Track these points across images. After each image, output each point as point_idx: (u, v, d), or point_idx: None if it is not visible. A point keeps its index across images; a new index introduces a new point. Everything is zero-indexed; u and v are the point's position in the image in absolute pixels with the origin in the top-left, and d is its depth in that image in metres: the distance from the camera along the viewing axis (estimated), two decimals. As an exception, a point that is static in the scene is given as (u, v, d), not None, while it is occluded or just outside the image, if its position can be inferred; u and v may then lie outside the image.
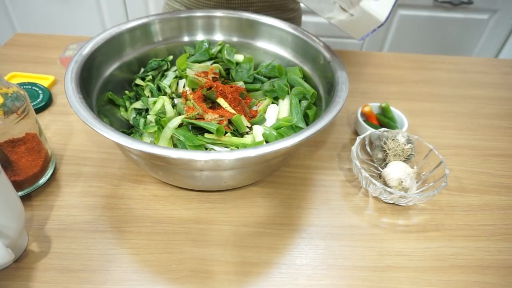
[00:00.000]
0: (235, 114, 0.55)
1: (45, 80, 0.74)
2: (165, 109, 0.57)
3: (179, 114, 0.56)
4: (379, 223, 0.53)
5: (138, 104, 0.61)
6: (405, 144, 0.57)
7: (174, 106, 0.58)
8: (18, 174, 0.50)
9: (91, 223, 0.50)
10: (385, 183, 0.55)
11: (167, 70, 0.67)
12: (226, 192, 0.56)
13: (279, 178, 0.58)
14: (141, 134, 0.56)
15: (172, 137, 0.52)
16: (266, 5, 0.82)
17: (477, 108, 0.78)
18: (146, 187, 0.55)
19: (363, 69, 0.87)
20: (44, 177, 0.54)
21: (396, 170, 0.54)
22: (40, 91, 0.69)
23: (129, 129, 0.59)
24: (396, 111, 0.68)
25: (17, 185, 0.50)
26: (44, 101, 0.68)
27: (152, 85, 0.62)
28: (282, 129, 0.54)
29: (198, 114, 0.55)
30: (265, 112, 0.60)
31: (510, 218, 0.55)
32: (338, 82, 0.54)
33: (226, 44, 0.68)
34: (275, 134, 0.53)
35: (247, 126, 0.55)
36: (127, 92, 0.62)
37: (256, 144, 0.52)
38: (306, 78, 0.63)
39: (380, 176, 0.58)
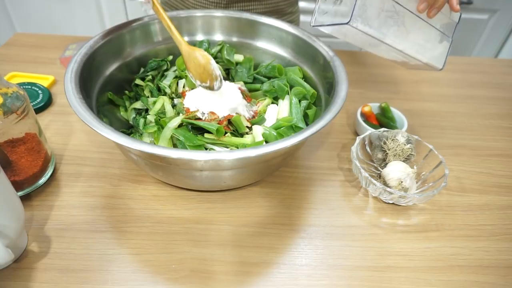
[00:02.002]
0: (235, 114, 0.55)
1: (45, 80, 0.74)
2: (165, 109, 0.57)
3: (179, 114, 0.56)
4: (379, 223, 0.53)
5: (138, 104, 0.61)
6: (405, 144, 0.57)
7: (174, 106, 0.58)
8: (18, 174, 0.50)
9: (91, 223, 0.50)
10: (385, 183, 0.55)
11: (167, 70, 0.67)
12: (226, 192, 0.56)
13: (279, 178, 0.58)
14: (141, 134, 0.56)
15: (172, 137, 0.52)
16: (264, 11, 0.83)
17: (477, 108, 0.78)
18: (146, 187, 0.55)
19: (363, 69, 0.87)
20: (44, 177, 0.54)
21: (396, 170, 0.54)
22: (40, 91, 0.69)
23: (129, 129, 0.59)
24: (396, 111, 0.68)
25: (17, 185, 0.50)
26: (44, 101, 0.68)
27: (152, 85, 0.62)
28: (282, 129, 0.54)
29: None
30: (265, 112, 0.60)
31: (510, 218, 0.55)
32: (338, 82, 0.54)
33: (226, 44, 0.68)
34: (275, 134, 0.53)
35: (247, 126, 0.55)
36: (127, 92, 0.62)
37: (256, 144, 0.52)
38: (306, 78, 0.63)
39: (380, 176, 0.58)
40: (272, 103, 0.62)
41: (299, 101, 0.60)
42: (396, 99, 0.78)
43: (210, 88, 0.55)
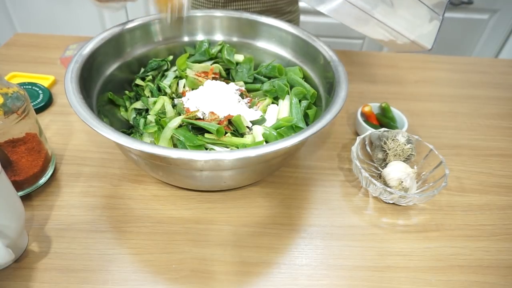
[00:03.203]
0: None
1: (45, 80, 0.74)
2: (165, 109, 0.57)
3: (179, 114, 0.56)
4: (379, 223, 0.53)
5: (138, 104, 0.61)
6: (405, 144, 0.57)
7: (174, 106, 0.58)
8: (18, 174, 0.50)
9: (91, 223, 0.50)
10: (385, 183, 0.55)
11: (167, 70, 0.67)
12: (226, 192, 0.56)
13: (279, 178, 0.58)
14: (141, 134, 0.56)
15: (172, 137, 0.52)
16: (263, 10, 0.83)
17: (477, 108, 0.78)
18: (146, 187, 0.55)
19: (363, 69, 0.87)
20: (44, 177, 0.54)
21: (396, 170, 0.54)
22: (40, 91, 0.69)
23: (129, 129, 0.59)
24: (396, 111, 0.68)
25: (17, 185, 0.50)
26: (44, 101, 0.68)
27: (152, 85, 0.62)
28: (282, 129, 0.54)
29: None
30: (265, 112, 0.60)
31: (510, 218, 0.55)
32: (338, 82, 0.54)
33: (226, 44, 0.68)
34: (275, 134, 0.53)
35: (247, 126, 0.55)
36: (127, 92, 0.62)
37: (256, 144, 0.52)
38: (306, 78, 0.63)
39: (380, 176, 0.58)
40: (272, 103, 0.62)
41: (299, 101, 0.60)
42: (396, 99, 0.78)
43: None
